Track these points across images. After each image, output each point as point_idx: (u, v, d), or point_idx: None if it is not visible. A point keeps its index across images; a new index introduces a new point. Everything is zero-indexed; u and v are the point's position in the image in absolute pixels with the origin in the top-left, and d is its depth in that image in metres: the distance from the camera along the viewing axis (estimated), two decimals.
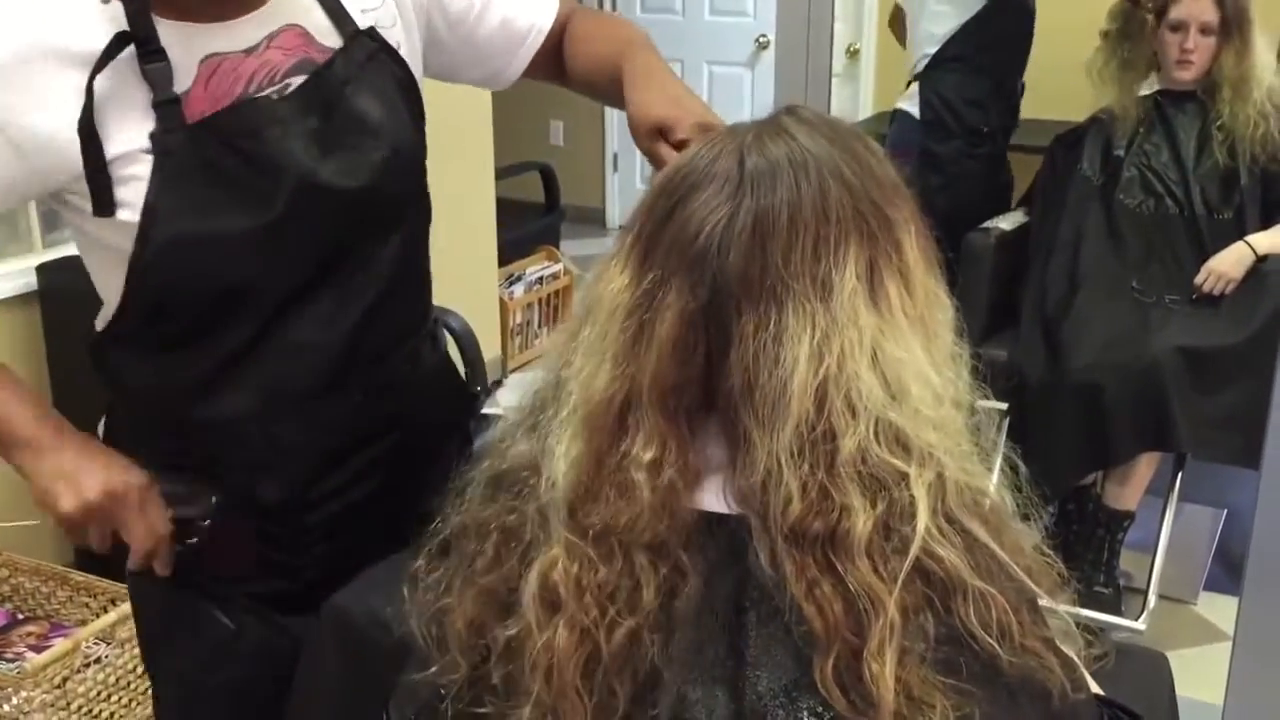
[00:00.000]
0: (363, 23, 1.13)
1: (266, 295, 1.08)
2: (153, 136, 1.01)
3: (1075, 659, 0.86)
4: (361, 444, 1.18)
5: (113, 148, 1.01)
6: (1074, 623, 0.90)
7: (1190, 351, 2.42)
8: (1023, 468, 0.92)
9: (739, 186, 0.83)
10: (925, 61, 3.03)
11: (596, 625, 0.81)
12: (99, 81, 0.99)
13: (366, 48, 1.13)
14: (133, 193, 1.02)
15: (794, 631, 0.79)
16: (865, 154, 0.86)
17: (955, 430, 0.83)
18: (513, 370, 4.10)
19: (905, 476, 0.79)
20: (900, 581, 0.77)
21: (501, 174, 5.72)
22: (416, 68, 1.20)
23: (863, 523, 0.77)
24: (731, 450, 0.83)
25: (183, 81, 1.03)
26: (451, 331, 1.56)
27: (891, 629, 0.75)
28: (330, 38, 1.12)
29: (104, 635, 2.19)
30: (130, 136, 1.01)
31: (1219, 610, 2.58)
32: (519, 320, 4.14)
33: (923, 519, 0.77)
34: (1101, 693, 0.97)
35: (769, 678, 0.81)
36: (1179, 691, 1.20)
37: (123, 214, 1.02)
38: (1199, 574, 2.68)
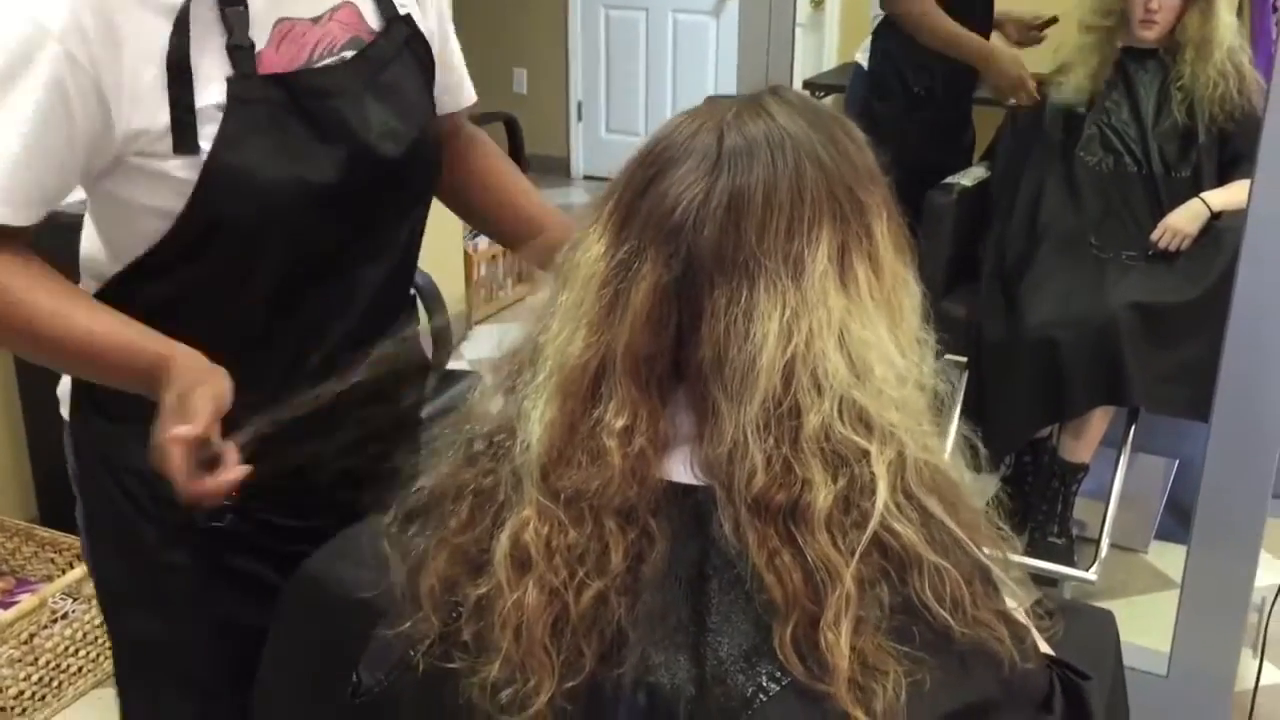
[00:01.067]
0: (401, 10, 1.19)
1: (298, 253, 1.11)
2: (230, 80, 1.04)
3: (1028, 626, 0.89)
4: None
5: (196, 87, 1.03)
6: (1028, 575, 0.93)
7: (1145, 307, 2.45)
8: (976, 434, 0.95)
9: (716, 163, 0.85)
10: (880, 17, 3.02)
11: (565, 586, 0.83)
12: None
13: (403, 33, 1.19)
14: (210, 132, 1.04)
15: (755, 600, 0.82)
16: (844, 139, 0.88)
17: (917, 410, 0.86)
18: (477, 322, 4.11)
19: (867, 454, 0.81)
20: (857, 555, 0.79)
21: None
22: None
23: (823, 497, 0.80)
24: (700, 422, 0.85)
25: (259, 37, 1.06)
26: (418, 289, 1.57)
27: (847, 600, 0.78)
28: (374, 19, 1.17)
29: (70, 590, 2.20)
30: (208, 78, 1.03)
31: (1170, 559, 2.64)
32: (483, 273, 4.13)
33: (882, 495, 0.80)
34: (1052, 653, 1.01)
35: (729, 643, 0.83)
36: (1129, 638, 1.25)
37: (204, 146, 1.04)
38: (1150, 523, 2.75)
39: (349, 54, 1.14)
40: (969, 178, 2.86)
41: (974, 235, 2.83)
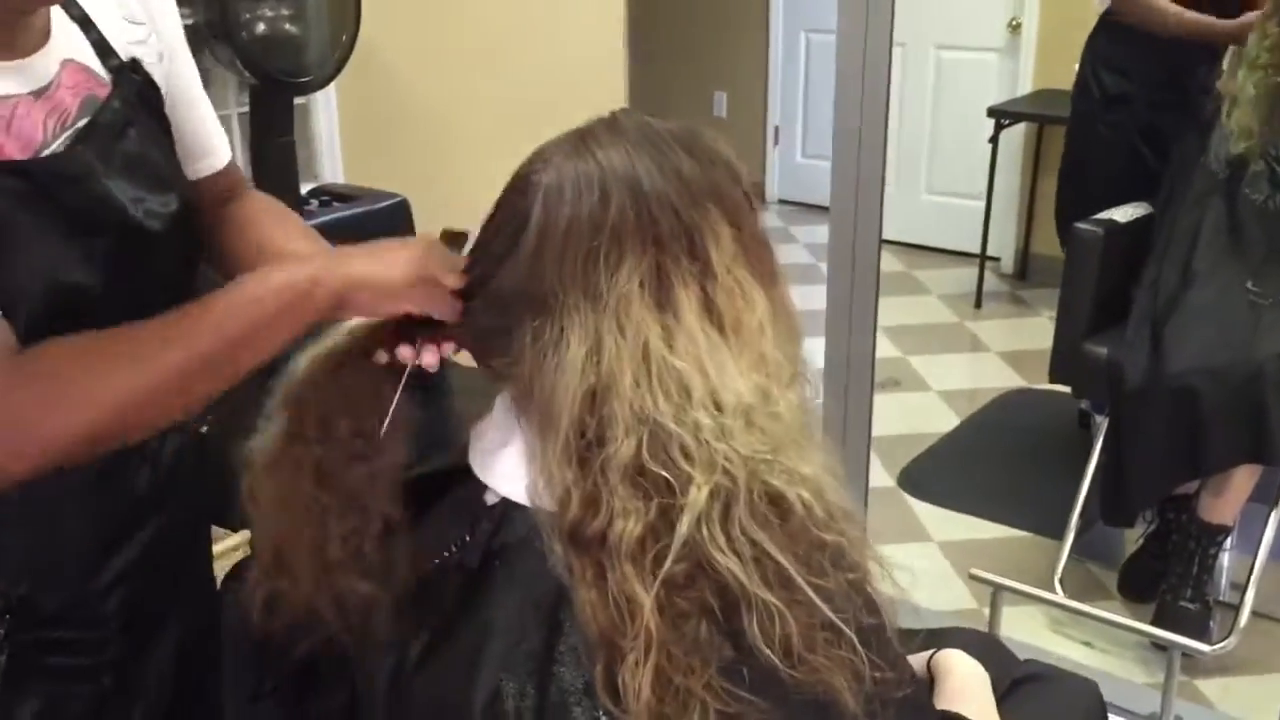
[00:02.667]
0: (127, 53, 1.05)
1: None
2: None
3: (888, 676, 0.84)
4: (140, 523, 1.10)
5: None
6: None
7: None
8: None
9: (529, 202, 0.88)
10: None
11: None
12: None
13: (134, 84, 1.05)
14: None
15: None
16: (677, 159, 0.87)
17: (766, 435, 0.83)
18: None
19: (684, 483, 0.79)
20: (657, 585, 0.78)
21: None
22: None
23: (632, 527, 0.79)
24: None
25: None
26: None
27: (649, 635, 0.77)
28: (102, 69, 1.04)
29: None
30: None
31: None
32: None
33: (685, 525, 0.78)
34: (953, 710, 0.96)
35: (571, 675, 0.83)
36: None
37: None
38: None
39: (85, 120, 1.00)
40: (1123, 213, 2.70)
41: (1126, 274, 2.66)
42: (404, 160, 3.01)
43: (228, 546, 1.52)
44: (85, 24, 1.04)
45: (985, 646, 1.26)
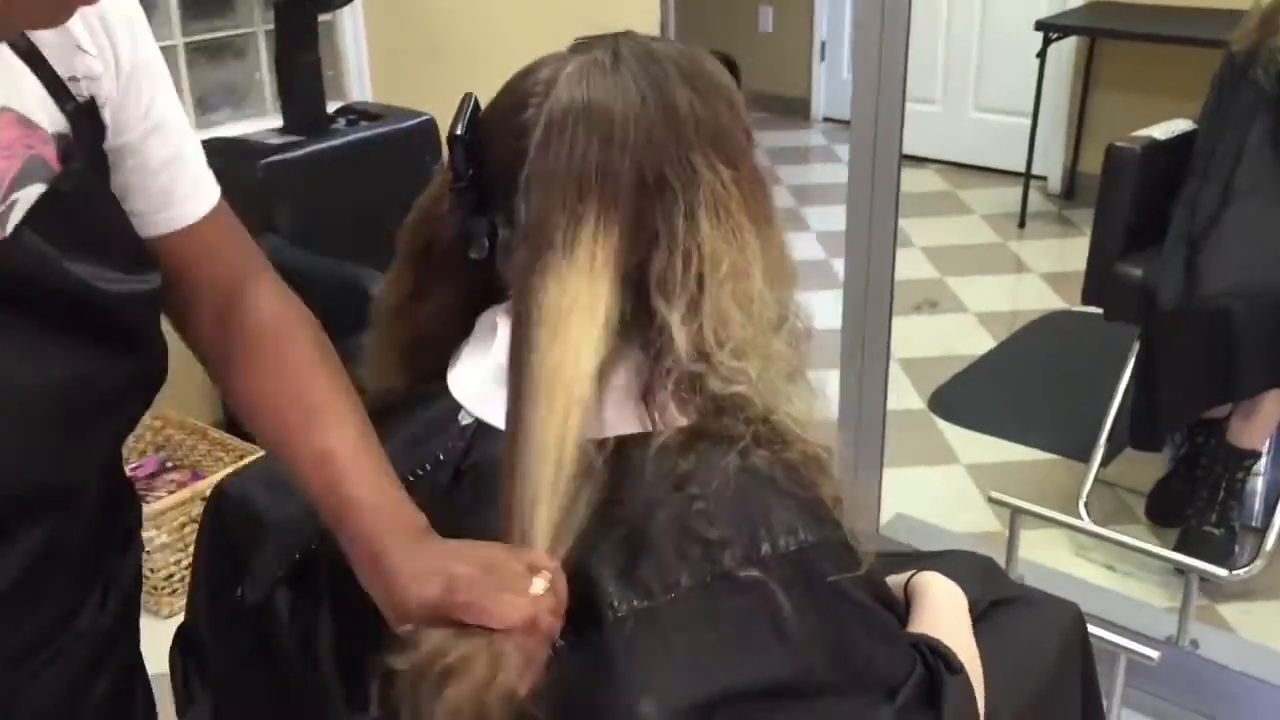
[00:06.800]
0: (81, 93, 0.83)
1: None
2: None
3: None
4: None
5: None
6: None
7: None
8: None
9: (529, 140, 0.87)
10: None
11: None
12: None
13: (91, 134, 0.84)
14: None
15: None
16: (675, 94, 0.87)
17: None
18: None
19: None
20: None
21: None
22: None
23: None
24: None
25: None
26: None
27: None
28: (44, 115, 0.81)
29: None
30: None
31: None
32: None
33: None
34: (927, 634, 0.96)
35: None
36: None
37: None
38: None
39: (34, 188, 0.78)
40: (1162, 130, 2.61)
41: (1163, 194, 2.59)
42: (432, 78, 2.99)
43: None
44: (33, 59, 0.81)
45: (981, 570, 1.26)
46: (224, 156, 2.71)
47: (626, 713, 0.79)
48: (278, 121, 2.81)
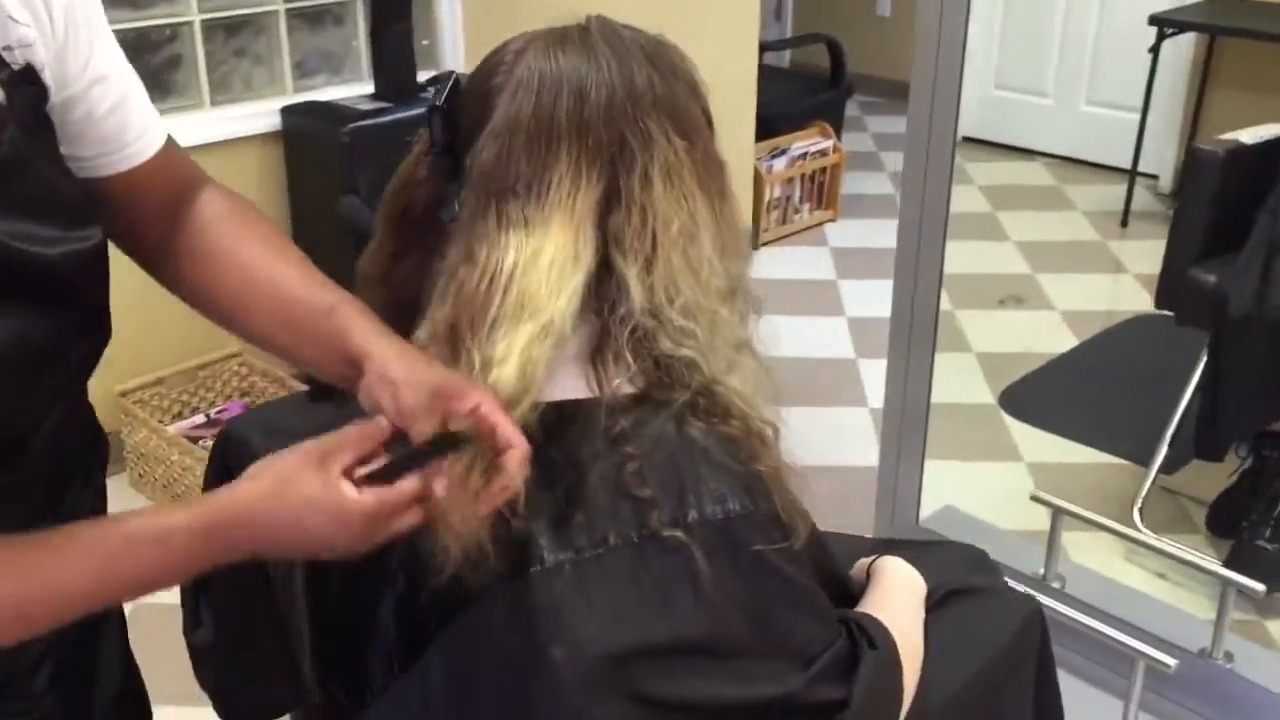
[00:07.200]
0: (16, 60, 0.83)
1: None
2: None
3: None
4: None
5: None
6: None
7: None
8: None
9: (495, 102, 0.93)
10: None
11: None
12: None
13: (31, 99, 0.84)
14: None
15: None
16: (635, 68, 0.92)
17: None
18: (764, 244, 4.15)
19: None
20: None
21: (788, 44, 5.66)
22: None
23: None
24: None
25: None
26: None
27: None
28: None
29: None
30: None
31: None
32: (776, 194, 4.15)
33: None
34: (865, 612, 0.99)
35: None
36: None
37: None
38: None
39: None
40: (1250, 134, 2.54)
41: (1248, 199, 2.51)
42: None
43: None
44: None
45: (965, 561, 1.28)
46: (314, 119, 2.86)
47: (539, 657, 0.85)
48: (371, 88, 2.92)
